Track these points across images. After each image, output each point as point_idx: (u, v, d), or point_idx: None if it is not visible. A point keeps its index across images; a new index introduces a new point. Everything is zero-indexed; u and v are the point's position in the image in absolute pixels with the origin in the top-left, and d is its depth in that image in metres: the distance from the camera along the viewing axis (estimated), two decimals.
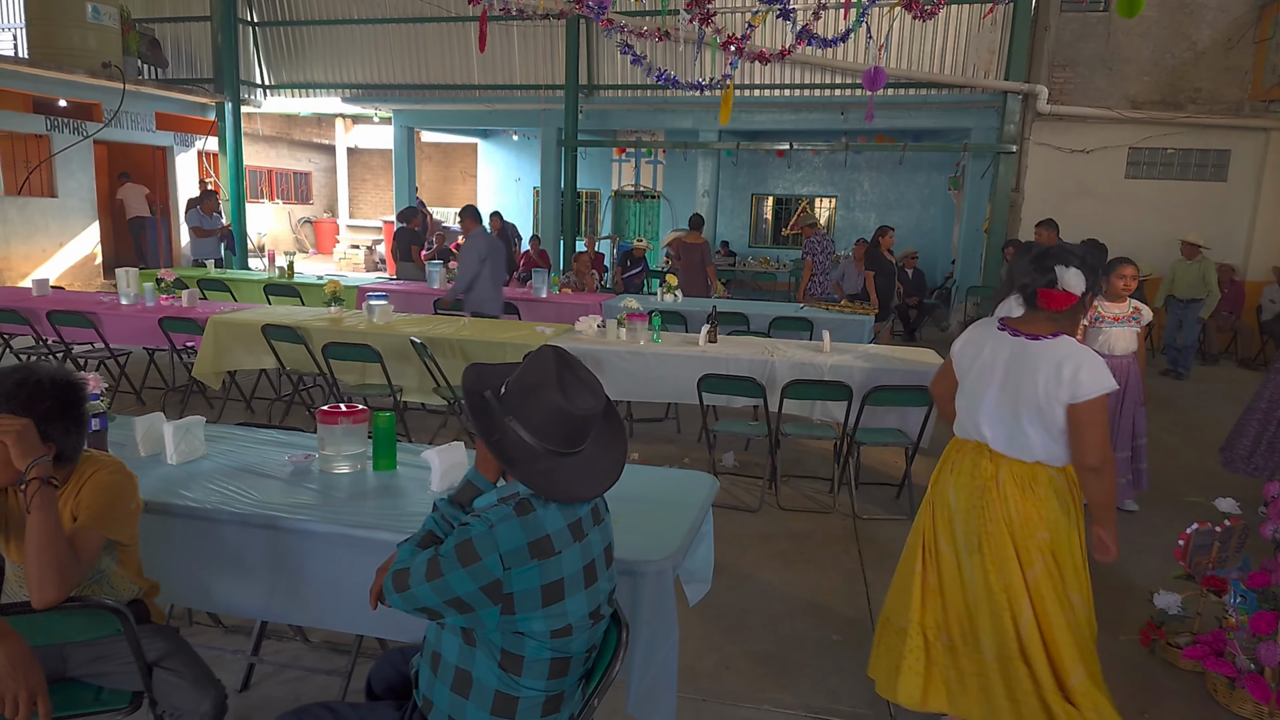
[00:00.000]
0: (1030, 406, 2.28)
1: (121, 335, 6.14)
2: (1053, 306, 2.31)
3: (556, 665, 1.59)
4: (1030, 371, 2.28)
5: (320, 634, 3.09)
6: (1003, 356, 2.36)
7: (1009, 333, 2.38)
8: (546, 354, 1.62)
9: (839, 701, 2.83)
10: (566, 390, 1.58)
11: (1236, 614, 2.86)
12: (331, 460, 2.60)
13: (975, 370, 2.42)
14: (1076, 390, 2.21)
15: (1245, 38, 10.14)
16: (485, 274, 6.60)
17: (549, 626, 1.54)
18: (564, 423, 1.57)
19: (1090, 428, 2.22)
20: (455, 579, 1.49)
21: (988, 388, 2.37)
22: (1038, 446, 2.32)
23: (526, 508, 1.54)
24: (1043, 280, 2.31)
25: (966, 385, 2.46)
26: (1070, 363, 2.23)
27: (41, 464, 1.73)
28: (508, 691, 1.57)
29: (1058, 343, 2.29)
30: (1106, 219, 10.52)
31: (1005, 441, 2.36)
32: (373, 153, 21.49)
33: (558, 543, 1.53)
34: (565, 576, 1.54)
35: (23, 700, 1.64)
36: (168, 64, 12.59)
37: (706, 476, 2.67)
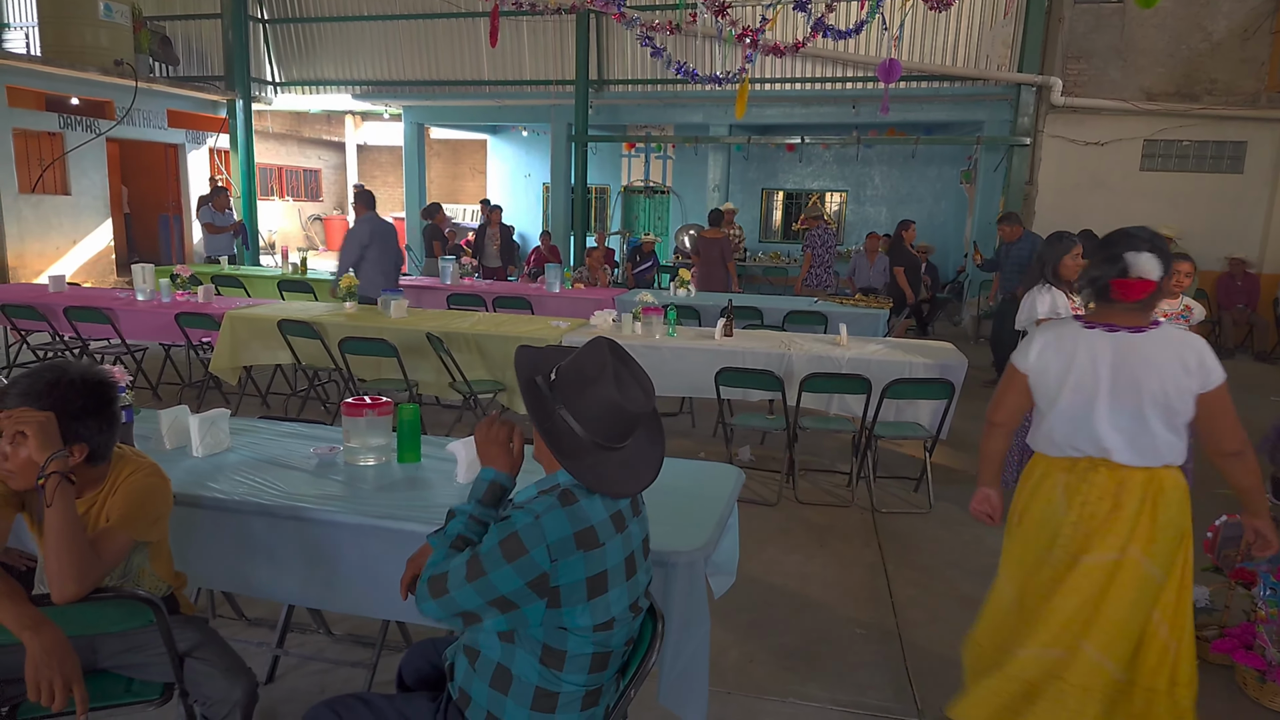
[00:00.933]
0: (1156, 403, 2.11)
1: (138, 331, 6.17)
2: (1131, 297, 2.14)
3: (598, 659, 1.57)
4: (1149, 366, 2.11)
5: (344, 626, 3.09)
6: (1106, 357, 2.15)
7: (1104, 329, 2.17)
8: (602, 346, 1.60)
9: (865, 695, 2.81)
10: (622, 385, 1.56)
11: (1266, 606, 2.83)
12: (356, 452, 2.60)
13: (1073, 379, 2.18)
14: (1207, 378, 2.10)
15: (1262, 28, 10.04)
16: (369, 259, 6.57)
17: (593, 620, 1.52)
18: (616, 418, 1.55)
19: (1226, 413, 2.12)
20: (499, 576, 1.47)
21: (1096, 394, 2.16)
22: (1164, 446, 2.15)
23: (570, 498, 1.52)
24: (1114, 271, 2.14)
25: (1065, 398, 2.20)
26: (1193, 352, 2.10)
27: (59, 459, 1.72)
28: (548, 687, 1.56)
29: (1164, 331, 2.15)
30: (1121, 212, 10.42)
31: (1129, 449, 2.15)
32: (382, 149, 21.52)
33: (602, 534, 1.52)
34: (609, 568, 1.53)
35: (58, 688, 1.64)
36: (179, 61, 12.62)
37: (732, 469, 2.66)
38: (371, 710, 1.69)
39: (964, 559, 3.95)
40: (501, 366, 5.40)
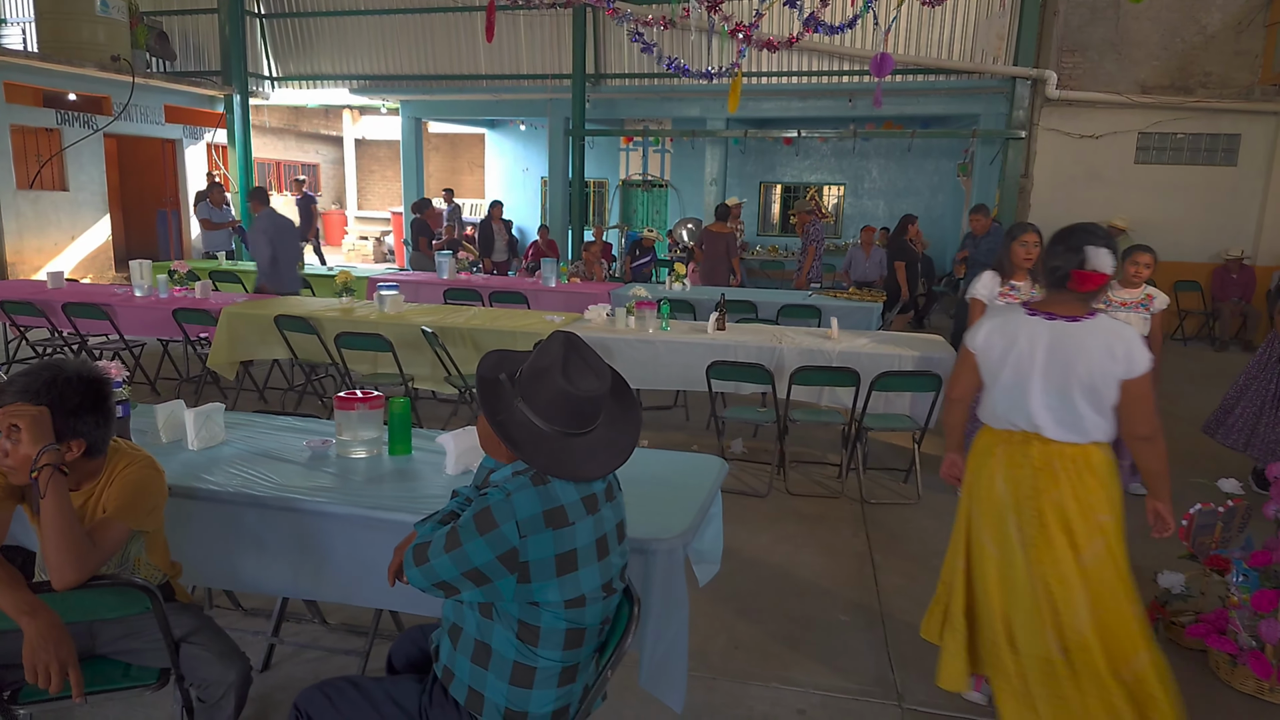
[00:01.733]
0: (1084, 387, 2.30)
1: (136, 327, 6.22)
2: (1085, 288, 2.33)
3: (571, 636, 1.64)
4: (1079, 352, 2.30)
5: (338, 616, 3.16)
6: (1042, 342, 2.35)
7: (1043, 317, 2.37)
8: (556, 339, 1.68)
9: (848, 680, 2.88)
10: (570, 373, 1.63)
11: (1239, 592, 2.89)
12: (349, 445, 2.66)
13: (1013, 360, 2.40)
14: (1131, 366, 2.27)
15: (1255, 21, 10.07)
16: (279, 255, 6.85)
17: (563, 596, 1.59)
18: (568, 404, 1.63)
19: (1144, 400, 2.30)
20: (473, 548, 1.54)
21: (1030, 375, 2.36)
22: (1090, 425, 2.34)
23: (542, 478, 1.60)
24: (1075, 261, 2.33)
25: (1005, 376, 2.42)
26: (1121, 342, 2.28)
27: (51, 452, 1.78)
28: (525, 662, 1.63)
29: (1098, 322, 2.33)
30: (1116, 204, 10.49)
31: (1057, 426, 2.35)
32: (380, 144, 21.54)
33: (571, 514, 1.59)
34: (578, 547, 1.60)
35: (54, 671, 1.71)
36: (175, 57, 12.65)
37: (716, 459, 2.71)
38: (360, 692, 1.75)
39: None
40: None
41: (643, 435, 2.27)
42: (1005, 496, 2.43)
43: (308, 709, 1.76)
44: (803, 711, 2.70)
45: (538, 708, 1.65)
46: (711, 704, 2.71)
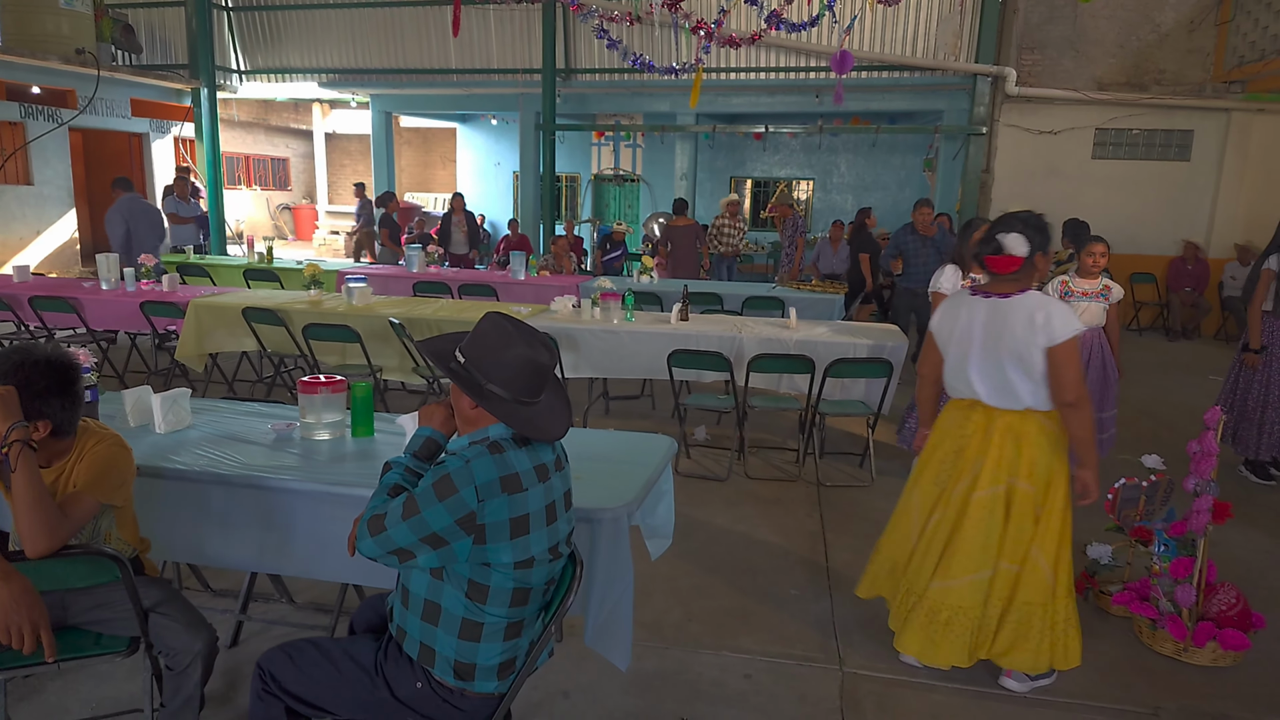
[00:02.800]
0: (1012, 356, 2.54)
1: (103, 320, 6.24)
2: (998, 270, 2.61)
3: (518, 595, 1.77)
4: (1007, 324, 2.55)
5: (305, 595, 3.26)
6: (980, 317, 2.63)
7: (981, 296, 2.66)
8: (498, 318, 1.82)
9: (793, 647, 3.03)
10: (531, 345, 1.78)
11: (1160, 561, 3.08)
12: (312, 428, 2.76)
13: (956, 335, 2.69)
14: (1051, 334, 2.48)
15: (1207, 20, 10.36)
16: (134, 236, 7.53)
17: (514, 558, 1.72)
18: (534, 373, 1.77)
19: (1066, 367, 2.50)
20: (432, 514, 1.66)
21: (971, 347, 2.63)
22: (1025, 393, 2.58)
23: (498, 448, 1.73)
24: (988, 249, 2.63)
25: (951, 350, 2.72)
26: (1041, 311, 2.51)
27: (19, 428, 1.88)
28: (473, 618, 1.75)
29: (1026, 296, 2.57)
30: (1074, 199, 10.75)
31: (995, 394, 2.62)
32: (351, 138, 21.43)
33: (525, 481, 1.72)
34: (530, 512, 1.73)
35: (27, 632, 1.81)
36: (141, 50, 12.52)
37: (665, 438, 2.85)
38: (320, 651, 1.87)
39: None
40: None
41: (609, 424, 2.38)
42: (955, 456, 2.71)
43: (270, 668, 1.87)
44: (749, 676, 2.84)
45: (485, 659, 1.77)
46: (662, 670, 2.85)
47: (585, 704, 2.65)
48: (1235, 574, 3.46)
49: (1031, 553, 2.61)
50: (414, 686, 1.78)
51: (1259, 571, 3.73)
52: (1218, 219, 10.77)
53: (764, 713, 2.65)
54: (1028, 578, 2.62)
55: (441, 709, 1.79)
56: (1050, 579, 2.61)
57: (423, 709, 1.79)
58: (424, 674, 1.79)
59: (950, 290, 4.41)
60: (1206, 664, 2.92)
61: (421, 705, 1.79)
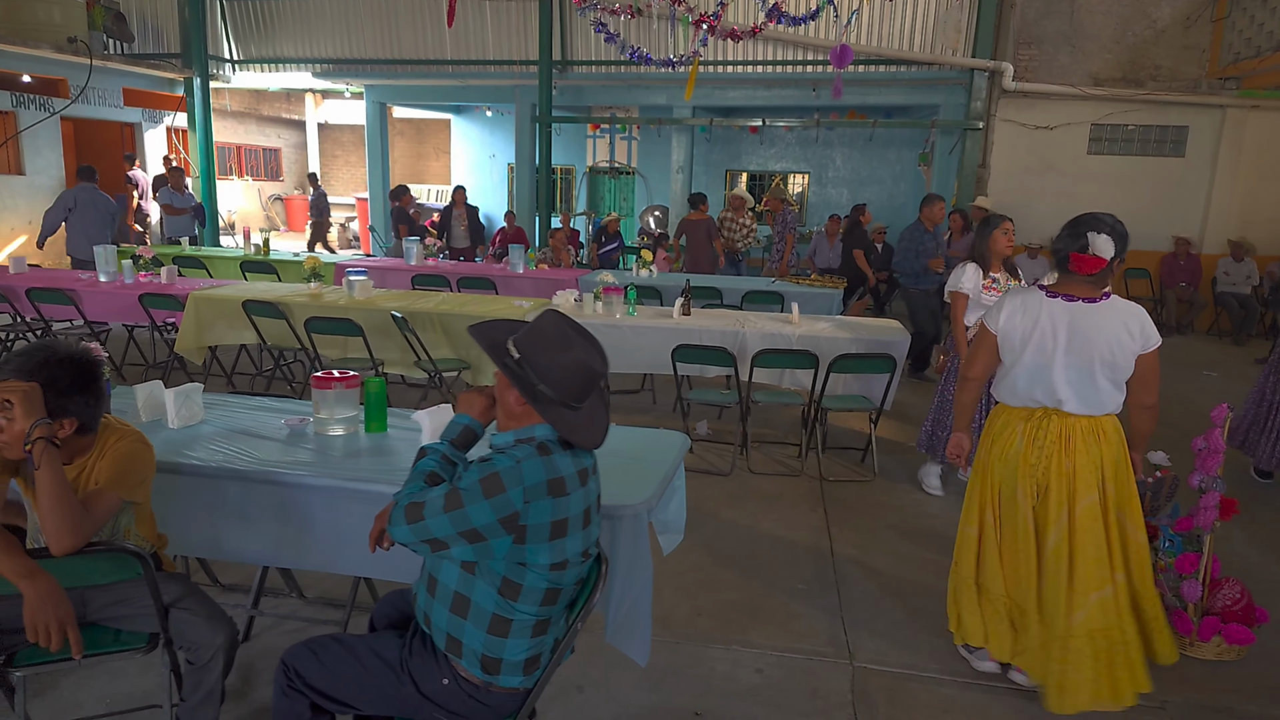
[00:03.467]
0: (1105, 362, 2.49)
1: (101, 312, 6.21)
2: (1084, 270, 2.49)
3: (549, 594, 1.78)
4: (1100, 330, 2.48)
5: (316, 589, 3.26)
6: (1064, 322, 2.52)
7: (1063, 299, 2.54)
8: (557, 318, 1.81)
9: (803, 641, 3.05)
10: (588, 351, 1.78)
11: (1165, 557, 3.11)
12: (326, 423, 2.76)
13: (1035, 339, 2.55)
14: (1147, 342, 2.49)
15: (1203, 16, 10.41)
16: (73, 223, 7.99)
17: (550, 560, 1.73)
18: (584, 378, 1.76)
19: (1155, 372, 2.55)
20: (475, 510, 1.66)
21: (1055, 353, 2.52)
22: (1108, 399, 2.55)
23: (546, 450, 1.73)
24: (1075, 246, 2.51)
25: (1027, 355, 2.57)
26: (1136, 319, 2.49)
27: (43, 425, 1.87)
28: (503, 614, 1.76)
29: (1116, 303, 2.53)
30: (1070, 194, 10.79)
31: (1079, 400, 2.54)
32: (343, 128, 21.33)
33: (569, 485, 1.73)
34: (570, 516, 1.73)
35: (54, 630, 1.80)
36: (133, 38, 12.42)
37: (679, 435, 2.86)
38: (345, 647, 1.87)
39: (901, 521, 4.22)
40: (466, 345, 5.54)
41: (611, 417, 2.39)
42: (1021, 466, 2.60)
43: (294, 664, 1.87)
44: (761, 670, 2.86)
45: (511, 655, 1.78)
46: (675, 665, 2.86)
47: (599, 699, 2.66)
48: (1236, 569, 3.50)
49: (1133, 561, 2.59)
50: (440, 682, 1.79)
51: (1259, 567, 3.77)
52: (1212, 215, 10.84)
53: (777, 707, 2.67)
54: (1141, 588, 2.61)
55: (467, 704, 1.80)
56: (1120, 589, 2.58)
57: (448, 705, 1.80)
58: (450, 669, 1.80)
59: (973, 290, 4.35)
60: (1211, 658, 2.96)
61: (447, 701, 1.80)
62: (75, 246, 7.98)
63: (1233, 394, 6.90)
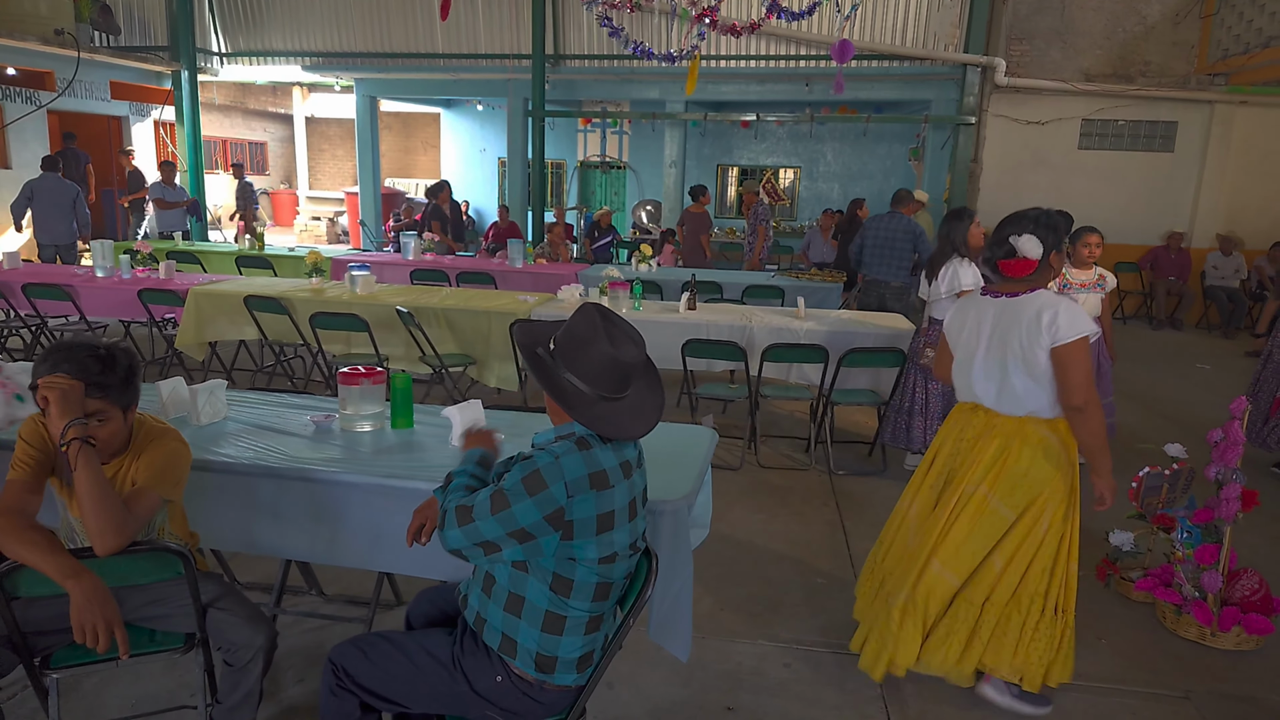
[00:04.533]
0: (1016, 356, 2.45)
1: (99, 308, 6.13)
2: (1012, 274, 2.51)
3: (600, 589, 1.77)
4: (1014, 324, 2.46)
5: (335, 587, 3.23)
6: (989, 318, 2.54)
7: (991, 296, 2.58)
8: (591, 311, 1.80)
9: (827, 636, 3.06)
10: (615, 341, 1.76)
11: (1183, 548, 3.14)
12: (353, 419, 2.73)
13: (965, 336, 2.62)
14: (1056, 334, 2.37)
15: (1192, 13, 10.50)
16: (36, 211, 8.38)
17: (599, 553, 1.72)
18: (614, 370, 1.75)
19: (1072, 369, 2.36)
20: (521, 509, 1.65)
21: (977, 349, 2.56)
22: (1025, 397, 2.47)
23: (586, 444, 1.72)
24: (1000, 252, 2.52)
25: (959, 352, 2.65)
26: (1048, 310, 2.40)
27: (77, 425, 1.83)
28: (557, 611, 1.75)
29: (1035, 295, 2.47)
30: (1061, 189, 10.88)
31: (995, 397, 2.53)
32: (330, 122, 21.12)
33: (611, 478, 1.72)
34: (615, 509, 1.73)
35: (101, 631, 1.78)
36: (120, 31, 12.23)
37: (707, 430, 2.86)
38: (394, 645, 1.86)
39: None
40: (470, 341, 5.52)
41: None
42: (949, 458, 2.66)
43: (342, 663, 1.85)
44: (788, 665, 2.87)
45: (566, 652, 1.78)
46: (703, 660, 2.86)
47: (631, 696, 2.66)
48: (1250, 560, 3.54)
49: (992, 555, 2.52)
50: (494, 679, 1.78)
51: (1273, 558, 3.82)
52: (1200, 209, 10.96)
53: (808, 701, 2.68)
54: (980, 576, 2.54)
55: (521, 702, 1.79)
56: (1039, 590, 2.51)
57: (501, 702, 1.79)
58: (503, 666, 1.79)
59: (974, 286, 4.39)
60: (1231, 648, 2.99)
61: (501, 698, 1.79)
62: (40, 234, 8.42)
63: (1226, 387, 6.99)
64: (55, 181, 8.41)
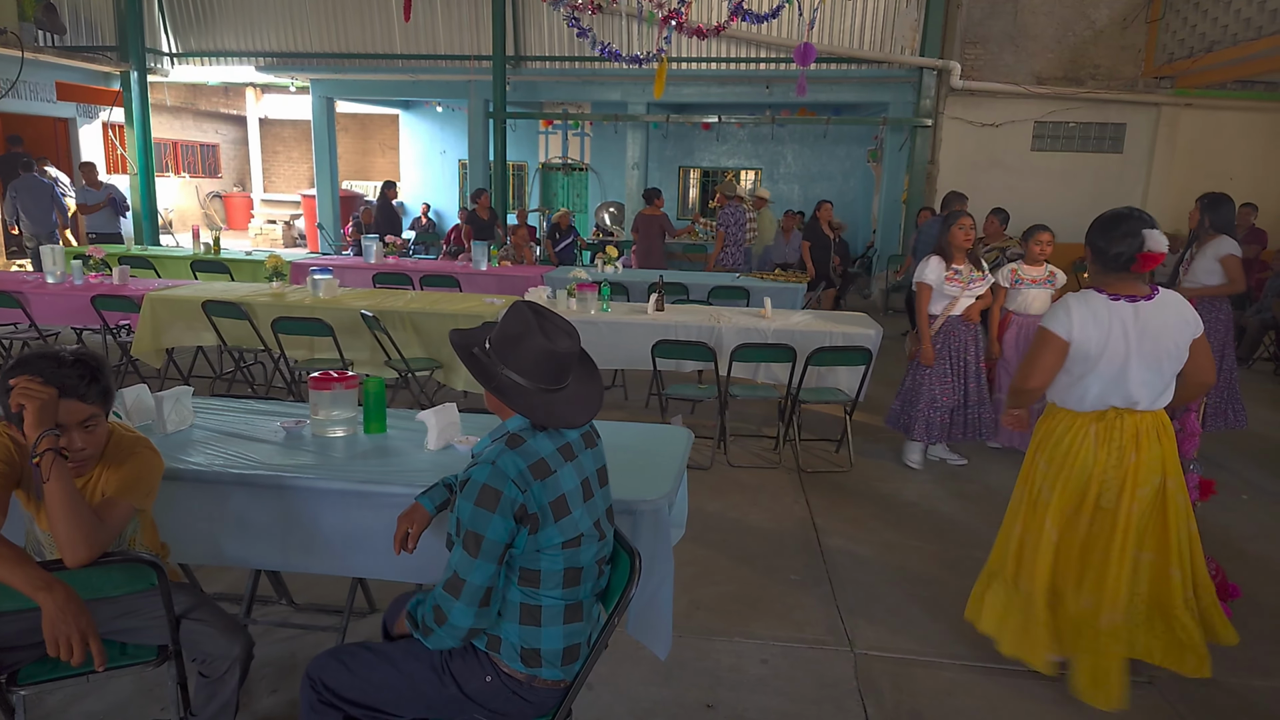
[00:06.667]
0: (1172, 356, 2.53)
1: (50, 315, 5.95)
2: (1148, 268, 2.52)
3: (569, 575, 1.78)
4: (1165, 325, 2.51)
5: (306, 596, 3.18)
6: (1130, 323, 2.51)
7: (1126, 300, 2.53)
8: (522, 307, 1.83)
9: (804, 631, 3.09)
10: (549, 335, 1.79)
11: None
12: (324, 424, 2.69)
13: (1110, 346, 2.52)
14: (1198, 325, 2.54)
15: (1139, 18, 10.81)
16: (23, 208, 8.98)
17: (563, 537, 1.74)
18: (550, 362, 1.78)
19: (1209, 350, 2.61)
20: (493, 529, 1.66)
21: (1129, 355, 2.51)
22: (1170, 392, 2.59)
23: (517, 440, 1.74)
24: (1136, 246, 2.50)
25: (1104, 362, 2.54)
26: (1185, 306, 2.54)
27: (49, 436, 1.78)
28: (531, 602, 1.77)
29: (1166, 295, 2.55)
30: (1015, 189, 11.13)
31: (1152, 398, 2.56)
32: (284, 123, 20.77)
33: (552, 463, 1.74)
34: (566, 492, 1.75)
35: (76, 643, 1.72)
36: (65, 30, 11.90)
37: (683, 430, 2.87)
38: (377, 655, 1.83)
39: (885, 511, 4.30)
40: (437, 344, 5.47)
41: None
42: (1106, 471, 2.57)
43: (322, 677, 1.81)
44: (765, 661, 2.89)
45: (548, 644, 1.78)
46: (681, 658, 2.87)
47: (612, 696, 2.66)
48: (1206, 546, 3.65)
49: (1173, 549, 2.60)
50: (484, 680, 1.78)
51: (1223, 543, 3.95)
52: (1148, 208, 11.13)
53: (787, 697, 2.70)
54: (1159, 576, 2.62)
55: (511, 701, 1.79)
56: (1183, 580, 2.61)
57: (492, 703, 1.79)
58: (492, 665, 1.79)
59: (936, 283, 4.53)
60: None
61: (491, 699, 1.78)
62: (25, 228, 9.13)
63: None
64: (34, 180, 9.11)
